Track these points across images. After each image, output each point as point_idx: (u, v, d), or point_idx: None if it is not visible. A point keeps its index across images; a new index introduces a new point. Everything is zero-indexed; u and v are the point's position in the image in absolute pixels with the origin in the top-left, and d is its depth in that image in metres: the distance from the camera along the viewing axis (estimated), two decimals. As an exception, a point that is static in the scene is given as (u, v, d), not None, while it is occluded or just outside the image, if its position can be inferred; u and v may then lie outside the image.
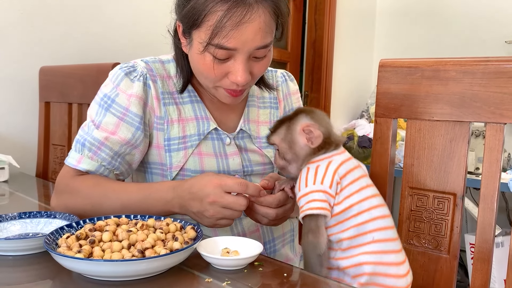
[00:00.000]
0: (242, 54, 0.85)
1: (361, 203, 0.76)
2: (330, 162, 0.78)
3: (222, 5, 0.81)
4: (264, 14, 0.83)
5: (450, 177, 0.89)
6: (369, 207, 0.77)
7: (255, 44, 0.84)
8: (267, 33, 0.85)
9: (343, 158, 0.80)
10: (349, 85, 3.21)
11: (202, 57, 0.87)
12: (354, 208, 0.76)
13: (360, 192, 0.77)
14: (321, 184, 0.76)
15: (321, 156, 0.80)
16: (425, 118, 0.91)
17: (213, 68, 0.87)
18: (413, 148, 0.93)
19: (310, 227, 0.75)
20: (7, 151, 1.47)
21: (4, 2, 1.54)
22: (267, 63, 0.91)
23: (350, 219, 0.76)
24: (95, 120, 0.94)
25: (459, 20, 2.96)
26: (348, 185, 0.77)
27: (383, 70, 0.96)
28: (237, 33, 0.82)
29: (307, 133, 0.80)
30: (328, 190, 0.76)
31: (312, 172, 0.78)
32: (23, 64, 1.61)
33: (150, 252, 0.66)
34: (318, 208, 0.75)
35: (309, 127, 0.79)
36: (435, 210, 0.91)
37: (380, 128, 0.97)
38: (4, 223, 0.83)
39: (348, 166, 0.79)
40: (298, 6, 2.99)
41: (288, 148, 0.82)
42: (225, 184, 0.78)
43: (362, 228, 0.76)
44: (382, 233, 0.77)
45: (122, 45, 1.84)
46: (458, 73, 0.87)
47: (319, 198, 0.75)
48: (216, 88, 0.91)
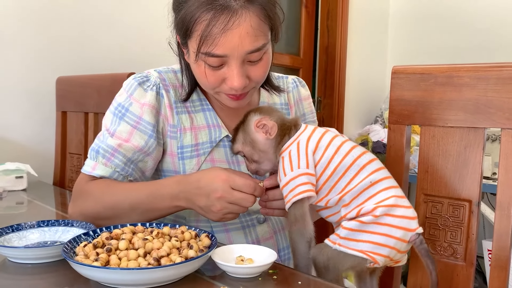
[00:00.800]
0: (234, 60, 0.85)
1: (345, 160, 0.77)
2: (299, 143, 0.80)
3: (207, 13, 0.82)
4: (251, 18, 0.83)
5: (465, 184, 0.89)
6: (354, 160, 0.77)
7: (245, 48, 0.84)
8: (257, 37, 0.85)
9: (308, 133, 0.81)
10: (362, 90, 3.19)
11: (197, 65, 0.89)
12: (340, 167, 0.77)
13: (339, 152, 0.78)
14: (298, 168, 0.78)
15: (289, 142, 0.82)
16: (439, 125, 0.91)
17: (209, 75, 0.88)
18: (427, 154, 0.93)
19: (295, 215, 0.77)
20: (25, 160, 1.50)
21: (22, 15, 1.58)
22: (266, 66, 0.91)
23: (342, 179, 0.77)
24: (110, 128, 0.96)
25: (474, 24, 2.93)
26: (324, 152, 0.78)
27: (396, 77, 0.95)
28: (223, 39, 0.82)
29: (262, 127, 0.83)
30: (307, 171, 0.77)
31: (287, 159, 0.80)
32: (40, 75, 1.64)
33: (165, 260, 0.67)
34: (303, 192, 0.76)
35: (261, 121, 0.83)
36: (451, 217, 0.90)
37: (393, 135, 0.97)
38: (24, 232, 0.85)
39: (316, 137, 0.80)
40: (310, 12, 3.00)
41: (252, 150, 0.85)
42: (233, 182, 0.79)
43: (357, 179, 0.76)
44: (377, 174, 0.77)
45: (136, 55, 1.87)
46: (472, 79, 0.87)
47: (300, 182, 0.77)
48: (218, 94, 0.93)
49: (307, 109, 1.14)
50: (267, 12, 0.86)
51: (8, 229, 0.83)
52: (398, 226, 0.73)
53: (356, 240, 0.74)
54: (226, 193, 0.79)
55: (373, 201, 0.75)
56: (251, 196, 0.80)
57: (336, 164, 0.77)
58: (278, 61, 2.76)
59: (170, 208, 0.87)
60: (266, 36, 0.87)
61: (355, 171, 0.77)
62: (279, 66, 2.77)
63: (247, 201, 0.80)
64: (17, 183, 1.39)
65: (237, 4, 0.82)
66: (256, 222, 1.01)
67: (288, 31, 2.92)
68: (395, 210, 0.74)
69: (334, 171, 0.77)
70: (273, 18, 0.87)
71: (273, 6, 0.88)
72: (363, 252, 0.73)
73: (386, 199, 0.74)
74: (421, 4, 3.17)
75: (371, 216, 0.73)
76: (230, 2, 0.82)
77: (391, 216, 0.73)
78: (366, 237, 0.74)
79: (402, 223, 0.73)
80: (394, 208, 0.74)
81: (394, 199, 0.74)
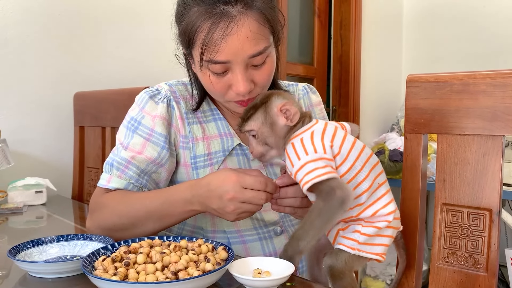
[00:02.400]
0: (237, 65, 0.86)
1: (361, 156, 0.78)
2: (313, 132, 0.79)
3: (206, 21, 0.84)
4: (250, 23, 0.84)
5: (485, 193, 0.87)
6: (367, 158, 0.79)
7: (247, 53, 0.85)
8: (258, 41, 0.86)
9: (323, 125, 0.80)
10: (377, 98, 3.18)
11: (202, 74, 0.91)
12: (357, 163, 0.77)
13: (354, 147, 0.78)
14: (314, 153, 0.75)
15: (300, 130, 0.81)
16: (456, 133, 0.90)
17: (214, 83, 0.89)
18: (444, 163, 0.91)
19: (332, 185, 0.72)
20: (44, 174, 1.53)
21: (41, 34, 1.61)
22: (270, 69, 0.91)
23: (359, 174, 0.77)
24: (123, 142, 0.98)
25: (490, 29, 2.90)
26: (342, 144, 0.77)
27: (411, 86, 0.95)
28: (224, 45, 0.84)
29: (285, 112, 0.81)
30: (325, 156, 0.75)
31: (299, 145, 0.77)
32: (58, 91, 1.67)
33: (183, 274, 0.67)
34: (324, 174, 0.72)
35: (285, 106, 0.81)
36: (471, 227, 0.89)
37: (410, 144, 0.96)
38: (44, 246, 0.86)
39: (331, 129, 0.79)
40: (323, 22, 3.00)
41: (270, 131, 0.82)
42: (243, 181, 0.79)
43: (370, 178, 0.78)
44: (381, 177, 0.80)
45: (152, 70, 1.89)
46: (489, 86, 0.86)
47: (318, 166, 0.73)
48: (227, 102, 0.94)
49: (319, 115, 1.15)
50: (266, 16, 0.87)
51: (29, 243, 0.84)
52: (397, 227, 0.81)
53: (372, 244, 0.78)
54: (238, 193, 0.78)
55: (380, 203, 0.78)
56: (263, 193, 0.80)
57: (354, 158, 0.77)
58: (292, 71, 2.77)
59: (185, 213, 0.87)
60: (267, 40, 0.88)
61: (369, 169, 0.78)
62: (293, 76, 2.78)
63: (260, 198, 0.80)
64: (37, 197, 1.41)
65: (235, 10, 0.84)
66: (273, 234, 1.00)
67: (301, 41, 2.93)
68: (396, 213, 0.80)
69: (353, 165, 0.77)
70: (273, 22, 0.89)
71: (272, 10, 0.89)
72: (379, 255, 0.78)
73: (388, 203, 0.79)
74: (436, 10, 3.15)
75: (386, 222, 0.78)
76: (228, 9, 0.84)
77: (396, 220, 0.80)
78: (380, 241, 0.78)
79: (398, 224, 0.81)
80: (396, 212, 0.79)
81: (393, 204, 0.79)
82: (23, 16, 1.58)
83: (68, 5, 1.68)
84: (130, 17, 1.84)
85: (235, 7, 0.84)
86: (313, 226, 0.73)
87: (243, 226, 0.99)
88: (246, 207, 0.80)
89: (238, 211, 0.80)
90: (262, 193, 0.79)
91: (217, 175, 0.82)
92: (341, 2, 2.97)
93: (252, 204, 0.80)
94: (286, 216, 1.01)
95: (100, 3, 1.77)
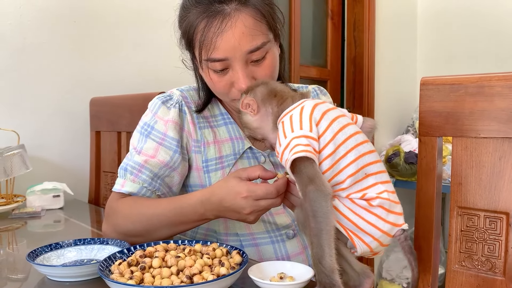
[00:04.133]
0: (236, 62, 0.87)
1: (348, 141, 0.72)
2: (303, 108, 0.76)
3: (202, 20, 0.87)
4: (245, 18, 0.86)
5: (501, 196, 0.86)
6: (356, 144, 0.73)
7: (244, 48, 0.86)
8: (255, 36, 0.87)
9: (314, 102, 0.77)
10: (392, 100, 3.15)
11: (205, 74, 0.93)
12: (341, 147, 0.72)
13: (343, 131, 0.73)
14: (300, 129, 0.72)
15: (291, 107, 0.78)
16: (471, 136, 0.89)
17: (216, 82, 0.91)
18: (460, 166, 0.91)
19: (307, 175, 0.69)
20: (61, 179, 1.55)
21: (57, 39, 1.64)
22: (271, 66, 0.92)
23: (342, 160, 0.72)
24: (137, 147, 0.99)
25: (506, 29, 2.86)
26: (329, 126, 0.73)
27: (425, 88, 0.94)
28: (220, 42, 0.86)
29: (246, 107, 0.82)
30: (309, 134, 0.72)
31: (288, 122, 0.75)
32: (74, 96, 1.70)
33: (198, 278, 0.68)
34: (303, 151, 0.69)
35: (243, 101, 0.82)
36: (487, 230, 0.88)
37: (424, 147, 0.95)
38: (62, 250, 0.88)
39: (323, 107, 0.76)
40: (336, 24, 2.99)
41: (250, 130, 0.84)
42: (255, 195, 0.78)
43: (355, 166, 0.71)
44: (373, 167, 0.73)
45: (167, 75, 1.91)
46: (504, 88, 0.85)
47: (301, 142, 0.70)
48: (233, 101, 0.95)
49: None
50: (262, 12, 0.88)
51: (47, 247, 0.86)
52: (387, 220, 0.72)
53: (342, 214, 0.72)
54: (254, 207, 0.79)
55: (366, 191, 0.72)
56: (277, 200, 0.79)
57: (339, 142, 0.72)
58: (305, 74, 2.77)
59: (199, 222, 0.89)
60: (265, 35, 0.89)
61: (355, 156, 0.72)
62: (306, 78, 2.78)
63: (275, 204, 0.80)
64: (54, 202, 1.43)
65: (229, 8, 0.86)
66: (286, 237, 1.01)
67: (314, 43, 2.92)
68: (387, 204, 0.72)
69: (337, 149, 0.72)
70: (269, 17, 0.90)
71: (268, 6, 0.90)
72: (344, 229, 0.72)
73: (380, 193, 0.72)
74: (450, 10, 3.12)
75: (367, 203, 0.71)
76: (223, 7, 0.86)
77: (383, 209, 0.71)
78: (352, 217, 0.71)
79: (390, 217, 0.72)
80: (387, 202, 0.72)
81: (386, 194, 0.72)
82: (40, 23, 1.61)
83: (83, 12, 1.71)
84: (145, 21, 1.86)
85: (230, 5, 0.86)
86: (319, 233, 0.67)
87: (255, 229, 0.99)
88: (264, 211, 0.82)
89: (258, 216, 0.82)
90: (276, 199, 0.79)
91: (227, 192, 0.80)
92: (354, 4, 2.96)
93: (269, 208, 0.81)
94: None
95: (115, 9, 1.79)
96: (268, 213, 0.99)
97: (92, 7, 1.73)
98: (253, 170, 0.81)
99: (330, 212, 0.68)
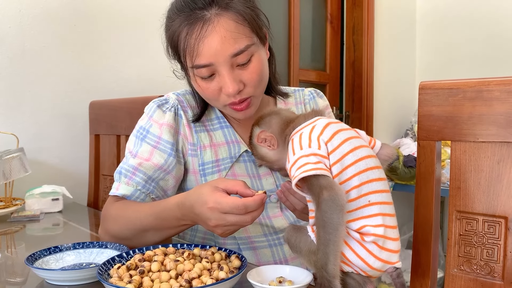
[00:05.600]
0: (221, 66, 0.87)
1: (357, 164, 0.69)
2: (314, 126, 0.74)
3: (183, 28, 0.87)
4: (226, 22, 0.86)
5: (500, 200, 0.86)
6: (366, 168, 0.70)
7: (227, 52, 0.86)
8: (237, 39, 0.86)
9: (327, 121, 0.75)
10: (391, 103, 3.16)
11: (193, 81, 0.93)
12: (349, 169, 0.69)
13: (354, 152, 0.70)
14: (308, 147, 0.70)
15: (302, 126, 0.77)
16: (469, 140, 0.89)
17: (204, 88, 0.91)
18: (458, 170, 0.91)
19: (320, 185, 0.66)
20: (60, 182, 1.55)
21: (57, 43, 1.65)
22: (258, 69, 0.91)
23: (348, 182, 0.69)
24: (133, 151, 1.00)
25: (505, 32, 2.87)
26: (339, 146, 0.70)
27: (424, 93, 0.94)
28: (202, 48, 0.86)
29: (263, 142, 0.81)
30: (318, 152, 0.69)
31: (297, 140, 0.74)
32: (74, 99, 1.70)
33: (196, 282, 0.68)
34: (313, 169, 0.66)
35: (260, 136, 0.81)
36: (486, 235, 0.88)
37: (423, 151, 0.96)
38: (60, 254, 0.87)
39: (335, 127, 0.73)
40: (335, 28, 3.00)
41: (267, 163, 0.84)
42: (221, 208, 0.74)
43: (359, 191, 0.69)
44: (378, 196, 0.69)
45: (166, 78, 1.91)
46: (503, 93, 0.85)
47: (310, 161, 0.68)
48: (224, 108, 0.95)
49: None
50: (243, 15, 0.88)
51: (46, 251, 0.86)
52: (379, 258, 0.69)
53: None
54: (220, 220, 0.75)
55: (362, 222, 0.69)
56: (246, 216, 0.75)
57: (348, 163, 0.69)
58: (305, 77, 2.77)
59: (180, 227, 0.87)
60: (249, 38, 0.88)
61: (362, 180, 0.69)
62: (305, 82, 2.78)
63: (244, 221, 0.75)
64: (53, 205, 1.43)
65: (210, 13, 0.86)
66: (283, 241, 1.01)
67: (313, 47, 2.93)
68: (381, 241, 0.69)
69: (344, 171, 0.69)
70: (252, 20, 0.89)
71: (250, 9, 0.90)
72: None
73: (376, 226, 0.68)
74: (449, 14, 3.13)
75: (360, 236, 0.68)
76: (203, 13, 0.86)
77: (376, 246, 0.69)
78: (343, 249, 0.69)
79: (383, 255, 0.69)
80: (382, 239, 0.69)
81: (383, 229, 0.68)
82: (40, 27, 1.61)
83: (83, 16, 1.71)
84: (144, 25, 1.87)
85: (210, 10, 0.86)
86: (326, 243, 0.65)
87: (253, 232, 0.99)
88: (233, 228, 0.78)
89: (227, 232, 0.79)
90: (244, 216, 0.75)
91: (198, 197, 0.78)
92: (354, 8, 2.97)
93: (238, 225, 0.77)
94: (296, 223, 1.02)
95: (114, 13, 1.80)
96: (266, 216, 1.00)
97: (92, 11, 1.74)
98: (233, 184, 0.77)
99: (342, 224, 0.65)
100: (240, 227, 0.78)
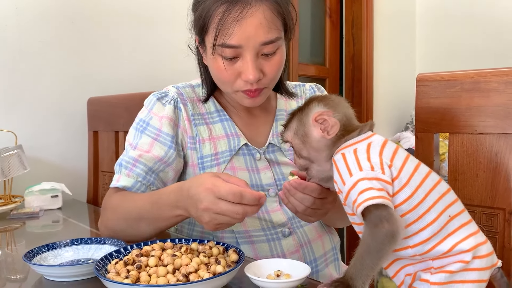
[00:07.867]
0: (248, 51, 0.88)
1: (426, 182, 0.64)
2: (371, 144, 0.66)
3: (221, 5, 0.87)
4: (265, 11, 0.87)
5: (498, 192, 0.86)
6: (434, 184, 0.64)
7: (259, 39, 0.87)
8: (271, 29, 0.87)
9: (383, 139, 0.67)
10: (391, 97, 3.15)
11: (214, 60, 0.92)
12: (420, 190, 0.63)
13: (418, 171, 0.64)
14: (371, 170, 0.62)
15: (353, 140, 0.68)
16: (467, 132, 0.89)
17: (225, 69, 0.91)
18: (456, 162, 0.91)
19: (380, 216, 0.60)
20: (59, 179, 1.55)
21: (54, 40, 1.64)
22: (279, 62, 0.92)
23: (421, 204, 0.63)
24: (133, 143, 1.00)
25: (504, 26, 2.86)
26: (403, 166, 0.64)
27: (421, 85, 0.94)
28: (238, 29, 0.86)
29: (321, 122, 0.69)
30: (382, 177, 0.62)
31: (351, 157, 0.65)
32: (72, 96, 1.70)
33: (194, 276, 0.68)
34: (378, 197, 0.60)
35: (322, 115, 0.69)
36: (484, 226, 0.88)
37: (421, 143, 0.95)
38: (58, 250, 0.87)
39: (392, 146, 0.66)
40: (334, 22, 2.99)
41: (301, 144, 0.72)
42: (218, 191, 0.72)
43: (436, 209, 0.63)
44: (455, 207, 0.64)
45: (164, 74, 1.91)
46: (500, 84, 0.85)
47: (374, 186, 0.61)
48: (235, 93, 0.95)
49: None
50: (281, 8, 0.89)
51: (44, 247, 0.86)
52: (486, 267, 0.63)
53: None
54: (212, 204, 0.73)
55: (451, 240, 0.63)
56: (239, 207, 0.72)
57: (417, 183, 0.63)
58: (304, 72, 2.76)
59: (174, 217, 0.85)
60: (279, 31, 0.90)
61: (435, 198, 0.63)
62: (305, 76, 2.77)
63: (234, 212, 0.72)
64: (52, 202, 1.43)
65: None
66: (281, 235, 1.00)
67: (313, 41, 2.92)
68: (479, 250, 0.63)
69: (415, 192, 0.63)
70: (286, 15, 0.90)
71: (286, 3, 0.91)
72: None
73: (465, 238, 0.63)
74: (449, 7, 3.12)
75: (462, 263, 0.62)
76: None
77: (479, 258, 0.62)
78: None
79: (488, 262, 0.63)
80: (478, 248, 0.63)
81: (473, 238, 0.63)
82: (37, 23, 1.60)
83: (80, 12, 1.71)
84: (142, 21, 1.86)
85: None
86: (365, 265, 0.61)
87: (251, 226, 0.99)
88: (221, 219, 0.74)
89: (214, 222, 0.75)
90: (238, 206, 0.72)
91: (197, 180, 0.77)
92: (353, 2, 2.96)
93: (228, 217, 0.73)
94: (294, 217, 1.02)
95: (112, 9, 1.79)
96: (264, 210, 0.99)
97: (90, 8, 1.73)
98: (236, 180, 0.75)
99: (389, 254, 0.61)
100: (229, 221, 0.75)
